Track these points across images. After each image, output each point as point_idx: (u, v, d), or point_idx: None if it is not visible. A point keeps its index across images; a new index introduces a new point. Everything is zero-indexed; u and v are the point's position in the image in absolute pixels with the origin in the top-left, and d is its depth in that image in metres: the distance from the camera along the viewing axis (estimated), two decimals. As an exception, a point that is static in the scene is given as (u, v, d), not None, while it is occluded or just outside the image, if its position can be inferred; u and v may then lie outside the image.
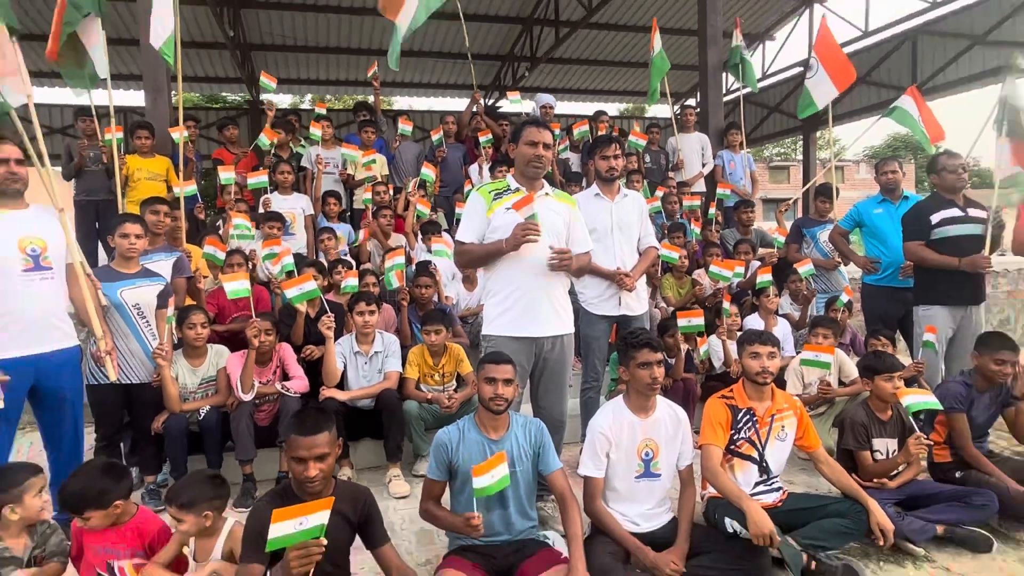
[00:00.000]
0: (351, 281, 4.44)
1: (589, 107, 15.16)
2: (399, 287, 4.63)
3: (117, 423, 3.65)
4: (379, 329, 4.16)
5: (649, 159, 7.45)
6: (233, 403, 3.77)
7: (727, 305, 4.59)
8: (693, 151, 7.37)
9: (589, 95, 15.67)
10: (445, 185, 6.90)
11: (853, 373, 4.23)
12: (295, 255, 4.67)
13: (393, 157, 6.90)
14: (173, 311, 3.63)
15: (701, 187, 7.32)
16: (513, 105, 6.80)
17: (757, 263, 5.53)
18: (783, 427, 3.08)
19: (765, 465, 3.06)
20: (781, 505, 3.04)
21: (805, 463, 3.72)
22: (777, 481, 3.11)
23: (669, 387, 4.29)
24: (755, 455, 3.05)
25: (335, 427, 2.27)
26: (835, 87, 6.02)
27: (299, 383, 3.94)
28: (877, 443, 3.38)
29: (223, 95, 20.24)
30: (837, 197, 5.95)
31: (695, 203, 6.39)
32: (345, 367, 4.03)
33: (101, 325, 3.28)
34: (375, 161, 6.49)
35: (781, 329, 4.88)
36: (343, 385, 4.03)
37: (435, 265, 5.00)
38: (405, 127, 6.89)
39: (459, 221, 3.30)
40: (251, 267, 4.79)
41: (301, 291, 3.85)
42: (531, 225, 2.91)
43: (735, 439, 3.04)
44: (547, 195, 3.24)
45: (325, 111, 7.25)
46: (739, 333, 3.99)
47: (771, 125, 14.04)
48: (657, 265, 5.25)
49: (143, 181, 5.71)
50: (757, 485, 3.06)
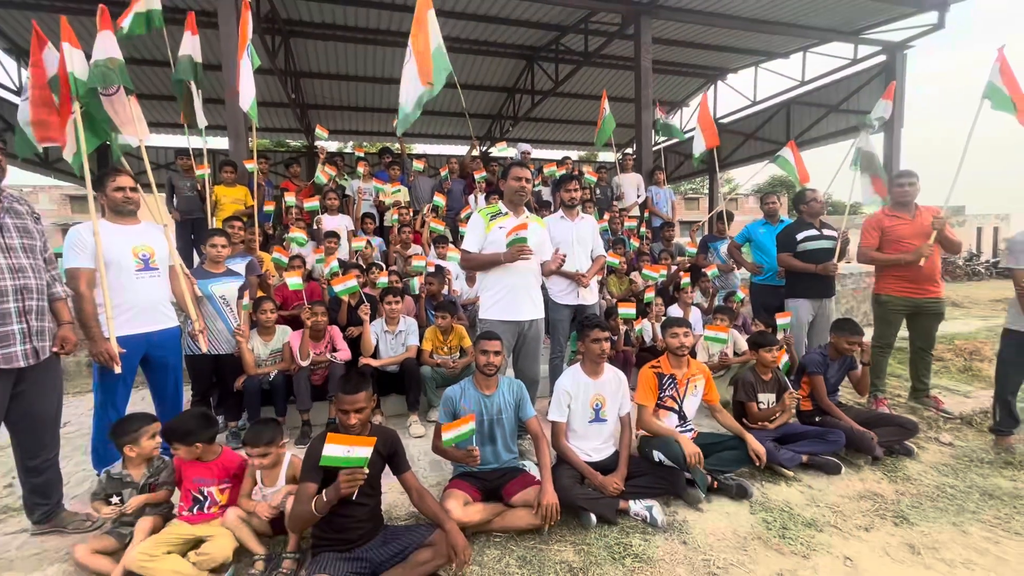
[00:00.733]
0: (383, 279, 4.39)
1: (557, 153, 15.18)
2: (419, 287, 4.63)
3: (208, 383, 3.58)
4: (402, 314, 4.12)
5: (599, 191, 7.44)
6: (295, 368, 3.72)
7: (651, 295, 4.62)
8: (631, 186, 7.37)
9: (557, 144, 15.60)
10: (450, 209, 6.85)
11: (744, 347, 4.27)
12: (340, 260, 4.62)
13: (411, 187, 6.85)
14: (249, 300, 3.56)
15: (636, 212, 7.33)
16: (501, 152, 6.72)
17: (675, 267, 5.56)
18: (696, 386, 3.11)
19: (683, 414, 3.09)
20: (696, 439, 3.06)
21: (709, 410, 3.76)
22: (691, 424, 3.14)
23: (613, 356, 4.30)
24: (676, 407, 3.08)
25: (370, 387, 2.25)
26: (705, 144, 6.29)
27: (344, 354, 3.89)
28: (761, 397, 3.43)
29: (287, 141, 19.88)
30: (732, 220, 5.99)
31: (632, 224, 6.40)
32: (377, 342, 3.99)
33: (196, 311, 3.21)
34: (399, 191, 6.49)
35: (694, 315, 4.91)
36: (376, 355, 3.98)
37: (449, 269, 4.96)
38: (418, 166, 6.94)
39: (463, 236, 3.29)
40: (308, 269, 4.74)
41: (345, 287, 3.81)
42: (526, 248, 2.99)
43: (662, 396, 3.06)
44: (527, 218, 3.23)
45: (364, 154, 7.16)
46: (663, 318, 4.01)
47: (686, 168, 14.13)
48: (604, 268, 5.25)
49: (228, 204, 5.60)
50: (676, 427, 3.08)
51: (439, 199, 6.09)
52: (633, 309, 4.12)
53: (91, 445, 2.86)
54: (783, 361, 3.52)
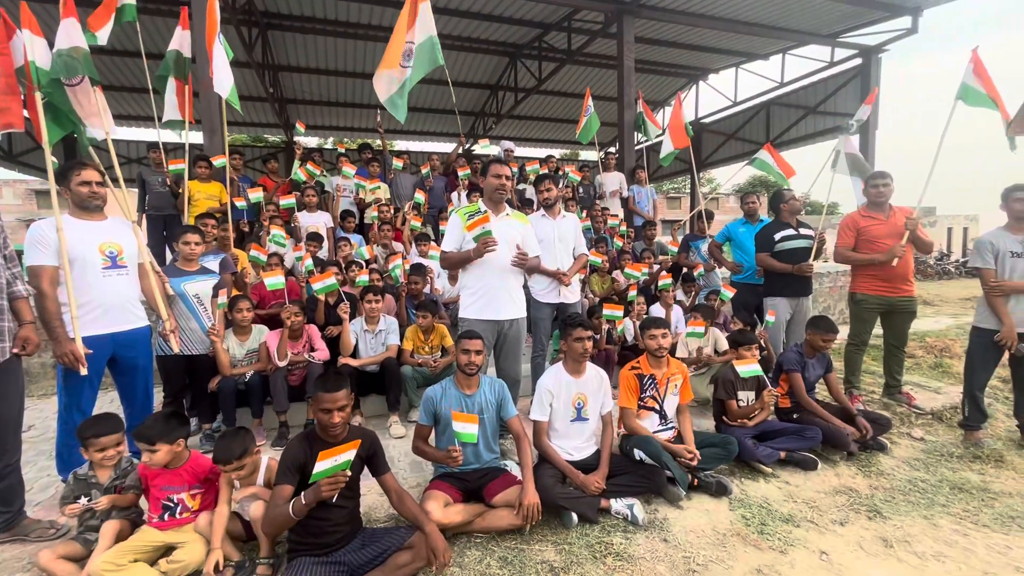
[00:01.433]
0: (363, 277, 4.33)
1: (541, 151, 15.18)
2: (401, 283, 4.58)
3: (181, 384, 3.48)
4: (383, 313, 4.07)
5: (582, 190, 7.48)
6: (272, 368, 3.65)
7: (633, 294, 4.64)
8: (612, 185, 7.44)
9: (540, 142, 15.60)
10: (432, 207, 6.80)
11: (725, 345, 4.31)
12: (318, 258, 4.55)
13: (392, 184, 6.78)
14: (224, 299, 3.48)
15: (618, 211, 7.38)
16: (484, 149, 6.76)
17: (657, 266, 5.61)
18: (675, 385, 3.14)
19: (664, 413, 3.12)
20: (673, 440, 3.08)
21: (691, 408, 3.79)
22: (672, 423, 3.16)
23: (595, 355, 4.32)
24: (657, 407, 3.10)
25: (349, 386, 2.22)
26: (673, 145, 6.38)
27: (322, 353, 3.82)
28: (741, 394, 3.47)
29: (265, 136, 19.52)
30: (712, 219, 6.07)
31: (615, 222, 6.42)
32: (357, 341, 3.94)
33: (166, 310, 3.12)
34: (379, 187, 6.42)
35: (676, 313, 4.94)
36: (355, 355, 3.93)
37: (431, 267, 4.92)
38: (398, 163, 6.84)
39: (444, 234, 3.26)
40: (287, 267, 4.66)
41: (324, 284, 3.77)
42: (491, 240, 2.95)
43: (643, 397, 3.08)
44: (507, 215, 3.22)
45: (345, 151, 7.07)
46: (644, 316, 4.03)
47: (668, 167, 14.27)
48: (587, 267, 5.27)
49: (202, 200, 5.47)
50: (658, 426, 3.11)
51: (420, 196, 6.04)
52: (620, 311, 4.14)
53: (56, 450, 2.76)
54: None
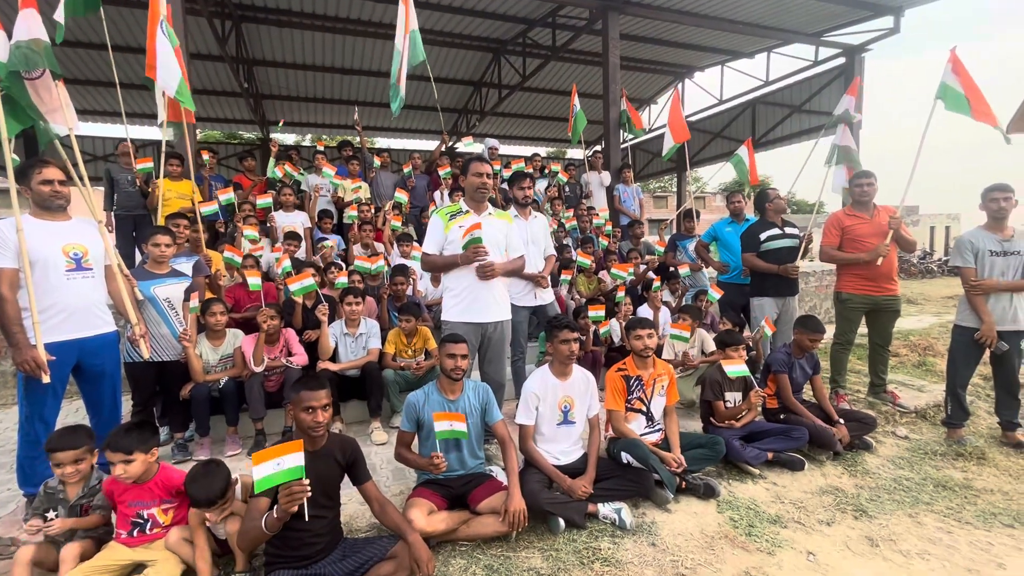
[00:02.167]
0: (342, 279, 4.29)
1: (526, 148, 15.20)
2: (381, 283, 4.55)
3: (150, 393, 3.40)
4: (363, 316, 4.03)
5: (568, 189, 7.51)
6: (247, 374, 3.59)
7: (621, 295, 4.67)
8: (599, 184, 7.49)
9: (525, 140, 15.64)
10: (414, 206, 6.77)
11: (712, 346, 4.36)
12: (296, 259, 4.49)
13: (372, 183, 6.73)
14: (196, 303, 3.41)
15: (604, 209, 7.42)
16: (467, 147, 6.74)
17: (644, 266, 5.65)
18: (662, 386, 3.16)
19: (651, 415, 3.14)
20: (661, 442, 3.12)
21: (678, 409, 3.83)
22: (659, 425, 3.19)
23: (582, 356, 4.33)
24: (644, 409, 3.12)
25: (328, 389, 2.20)
26: (674, 140, 6.43)
27: (300, 358, 3.78)
28: (728, 395, 3.51)
29: (240, 133, 19.19)
30: (699, 218, 6.13)
31: (600, 221, 6.45)
32: (336, 345, 3.89)
33: (135, 314, 3.05)
34: (361, 187, 6.37)
35: (663, 314, 4.98)
36: (335, 359, 3.89)
37: (413, 268, 4.89)
38: (377, 162, 6.86)
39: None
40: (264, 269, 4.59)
41: (302, 285, 3.73)
42: (481, 249, 2.96)
43: (630, 399, 3.10)
44: (490, 214, 3.21)
45: (324, 148, 7.02)
46: (630, 317, 4.04)
47: (654, 166, 14.42)
48: (573, 268, 5.30)
49: (173, 199, 5.35)
50: (645, 428, 3.13)
51: (401, 195, 6.00)
52: (603, 311, 4.16)
53: (16, 463, 2.67)
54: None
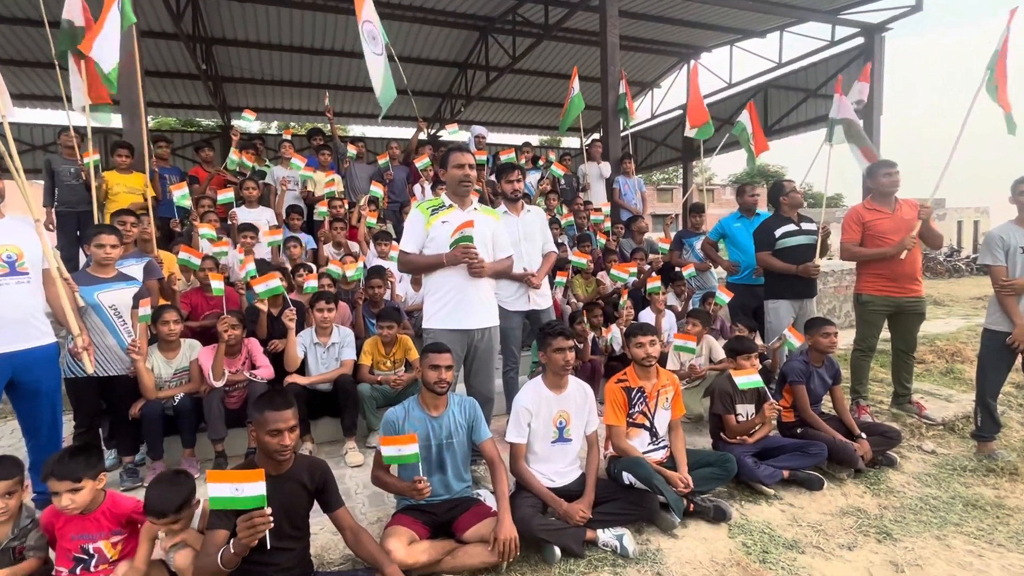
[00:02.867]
0: (311, 283, 4.26)
1: (517, 138, 15.24)
2: (356, 287, 4.52)
3: (95, 412, 3.35)
4: (336, 323, 4.01)
5: (564, 182, 7.53)
6: (205, 390, 3.55)
7: (624, 299, 4.69)
8: (598, 176, 7.52)
9: (515, 128, 15.69)
10: (393, 201, 6.75)
11: (721, 354, 4.37)
12: (260, 260, 4.45)
13: (345, 175, 6.70)
14: (146, 310, 3.37)
15: (603, 198, 7.46)
16: (452, 136, 6.74)
17: (648, 266, 5.67)
18: (667, 399, 3.17)
19: (655, 430, 3.15)
20: (666, 461, 3.13)
21: (684, 424, 3.84)
22: (664, 441, 3.20)
23: (579, 367, 4.34)
24: (647, 424, 3.13)
25: (295, 406, 2.19)
26: (691, 124, 6.34)
27: (265, 371, 3.75)
28: (739, 408, 3.52)
29: (198, 120, 19.05)
30: (703, 213, 6.14)
31: (599, 218, 6.47)
32: (306, 356, 3.86)
33: (77, 324, 3.00)
34: (334, 179, 6.35)
35: (668, 320, 5.00)
36: (303, 371, 3.86)
37: (391, 270, 4.87)
38: (352, 151, 6.86)
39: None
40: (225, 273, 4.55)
41: (267, 287, 3.70)
42: (471, 249, 2.95)
43: (632, 413, 3.10)
44: (475, 210, 3.21)
45: (291, 137, 6.98)
46: (632, 323, 4.06)
47: (658, 156, 14.51)
48: (568, 268, 5.31)
49: (122, 194, 5.29)
50: (648, 446, 3.14)
51: (377, 189, 5.98)
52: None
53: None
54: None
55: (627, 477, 2.86)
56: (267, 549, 1.96)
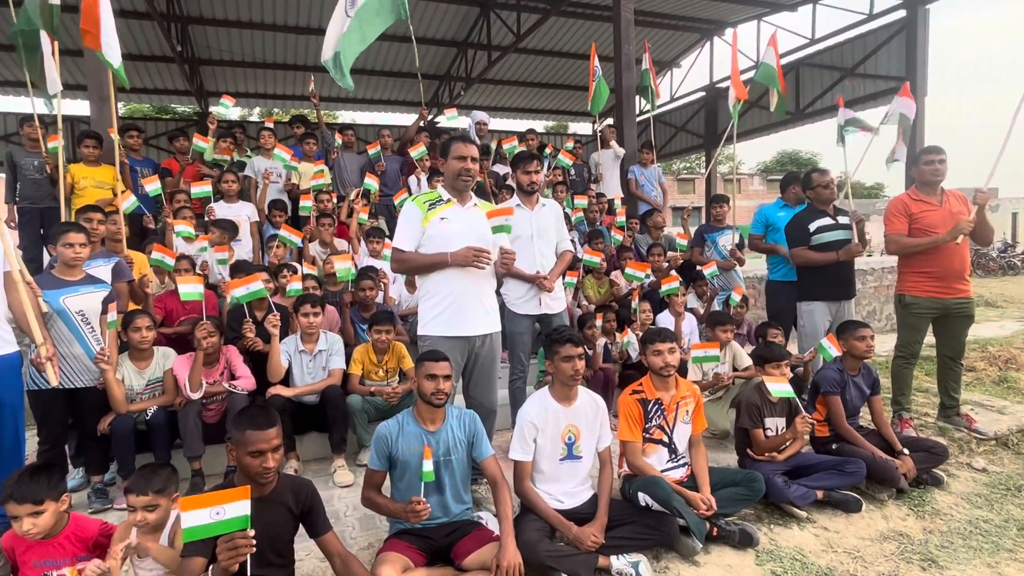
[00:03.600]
0: (295, 285, 4.28)
1: (521, 124, 15.26)
2: (343, 289, 4.55)
3: (61, 426, 3.37)
4: (323, 329, 4.03)
5: (573, 172, 7.54)
6: (180, 402, 3.57)
7: (636, 303, 4.68)
8: (612, 165, 7.53)
9: (520, 113, 15.73)
10: (385, 195, 6.77)
11: (746, 361, 4.36)
12: (241, 260, 4.49)
13: (333, 166, 6.73)
14: (115, 316, 3.40)
15: (616, 188, 7.47)
16: (450, 121, 6.76)
17: (665, 264, 5.67)
18: (687, 411, 3.17)
19: (673, 447, 3.15)
20: (687, 480, 3.12)
21: (707, 440, 3.84)
22: (684, 458, 3.19)
23: (591, 377, 4.35)
24: (665, 439, 3.13)
25: (279, 422, 2.21)
26: (736, 96, 6.21)
27: (246, 381, 3.77)
28: (768, 422, 3.52)
29: (172, 107, 19.20)
30: (725, 204, 6.11)
31: (622, 220, 6.40)
32: (290, 365, 3.88)
33: (41, 331, 3.02)
34: (322, 170, 6.35)
35: (689, 324, 5.00)
36: (288, 382, 3.87)
37: (383, 270, 4.88)
38: (339, 140, 6.91)
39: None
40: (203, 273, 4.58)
41: (248, 291, 3.72)
42: (484, 254, 2.98)
43: (648, 428, 3.10)
44: (475, 205, 3.22)
45: (272, 125, 7.02)
46: (649, 328, 4.06)
47: (678, 142, 14.51)
48: (580, 268, 5.31)
49: (90, 189, 5.33)
50: (667, 463, 3.14)
51: (371, 182, 5.99)
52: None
53: None
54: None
55: (643, 498, 2.86)
56: (246, 574, 1.97)
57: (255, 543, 1.93)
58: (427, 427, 2.68)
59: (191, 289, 3.77)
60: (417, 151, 6.39)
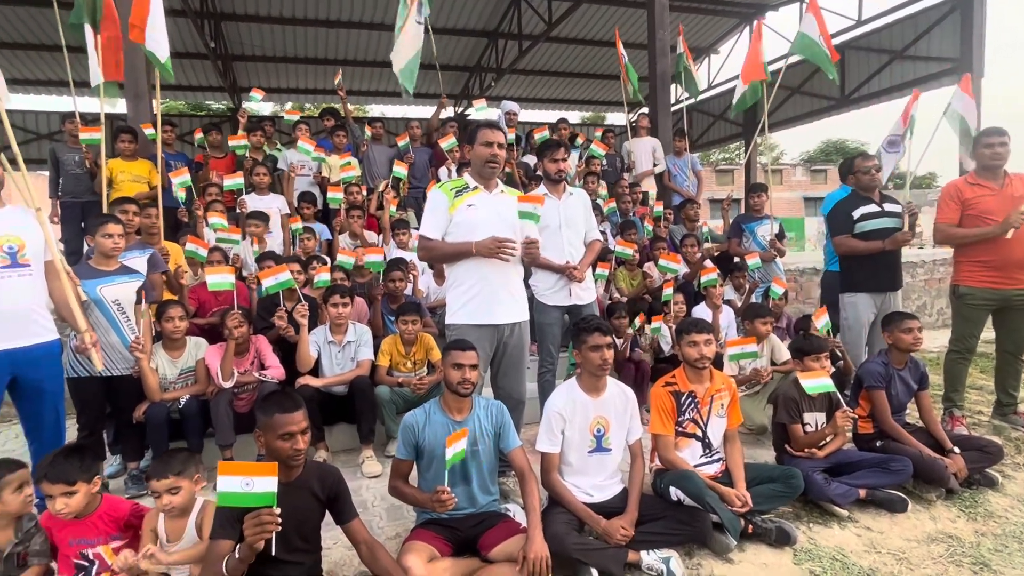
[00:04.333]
0: (323, 276, 4.36)
1: (552, 115, 15.20)
2: (375, 282, 4.62)
3: (99, 414, 3.51)
4: (352, 320, 4.09)
5: (605, 162, 7.48)
6: (212, 391, 3.68)
7: (668, 292, 4.62)
8: (645, 153, 7.45)
9: (552, 104, 15.67)
10: (414, 187, 6.82)
11: (785, 355, 4.27)
12: (270, 252, 4.58)
13: (362, 159, 6.82)
14: (146, 306, 3.51)
15: (652, 187, 7.39)
16: (479, 113, 6.75)
17: (699, 255, 5.59)
18: (722, 404, 3.13)
19: (708, 441, 3.11)
20: (721, 475, 3.08)
21: (743, 436, 3.77)
22: (718, 453, 3.15)
23: (623, 368, 4.32)
24: (699, 433, 3.10)
25: (305, 409, 2.26)
26: (744, 81, 6.02)
27: (276, 371, 3.86)
28: (807, 417, 3.43)
29: (208, 103, 19.72)
30: (764, 192, 5.95)
31: (659, 210, 6.32)
32: (319, 356, 3.96)
33: (83, 319, 3.14)
34: (351, 163, 6.44)
35: (726, 316, 4.94)
36: (316, 373, 3.95)
37: (413, 261, 4.94)
38: (368, 133, 7.01)
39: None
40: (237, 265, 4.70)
41: (276, 281, 3.80)
42: (508, 245, 2.99)
43: (681, 421, 3.07)
44: (502, 192, 3.23)
45: (298, 117, 7.15)
46: (684, 319, 4.00)
47: (716, 131, 14.25)
48: (611, 260, 5.27)
49: (127, 183, 5.54)
50: (701, 458, 3.10)
51: (400, 169, 6.02)
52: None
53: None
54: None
55: (675, 493, 2.82)
56: (272, 556, 2.02)
57: (280, 522, 1.98)
58: (454, 417, 2.70)
59: (220, 279, 3.76)
60: (447, 142, 6.43)
